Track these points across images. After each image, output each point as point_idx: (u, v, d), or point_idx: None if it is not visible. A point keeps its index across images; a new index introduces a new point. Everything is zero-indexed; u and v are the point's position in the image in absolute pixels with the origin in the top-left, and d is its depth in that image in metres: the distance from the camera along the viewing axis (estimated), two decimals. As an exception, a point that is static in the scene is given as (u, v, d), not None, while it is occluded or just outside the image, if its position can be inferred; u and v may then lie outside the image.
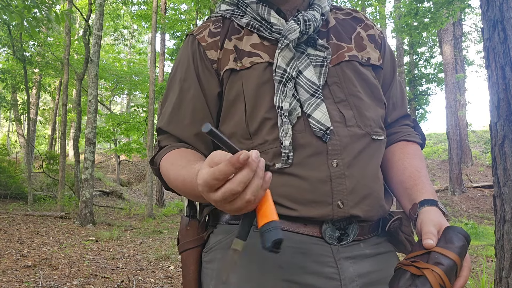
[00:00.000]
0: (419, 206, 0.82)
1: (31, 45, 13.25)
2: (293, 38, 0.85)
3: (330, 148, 0.81)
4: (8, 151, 15.59)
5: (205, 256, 0.89)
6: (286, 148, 0.80)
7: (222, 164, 0.57)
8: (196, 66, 0.91)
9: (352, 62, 0.90)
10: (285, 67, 0.84)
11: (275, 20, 0.88)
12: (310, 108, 0.83)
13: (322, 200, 0.79)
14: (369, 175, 0.84)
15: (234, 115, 0.87)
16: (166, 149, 0.89)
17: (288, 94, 0.83)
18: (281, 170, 0.81)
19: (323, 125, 0.81)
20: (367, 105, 0.88)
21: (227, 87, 0.88)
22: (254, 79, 0.86)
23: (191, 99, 0.90)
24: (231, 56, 0.89)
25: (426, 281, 0.69)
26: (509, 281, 2.18)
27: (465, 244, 0.72)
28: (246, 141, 0.85)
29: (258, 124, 0.84)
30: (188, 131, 0.89)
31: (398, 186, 0.91)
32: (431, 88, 16.96)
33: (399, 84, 1.03)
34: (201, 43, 0.92)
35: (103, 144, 22.03)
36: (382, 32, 1.01)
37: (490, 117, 2.39)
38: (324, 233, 0.80)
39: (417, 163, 0.93)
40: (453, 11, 7.99)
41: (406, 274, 0.72)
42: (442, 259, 0.70)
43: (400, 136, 0.99)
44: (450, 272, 0.69)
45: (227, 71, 0.88)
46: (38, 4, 4.72)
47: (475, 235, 7.90)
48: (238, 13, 0.93)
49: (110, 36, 22.80)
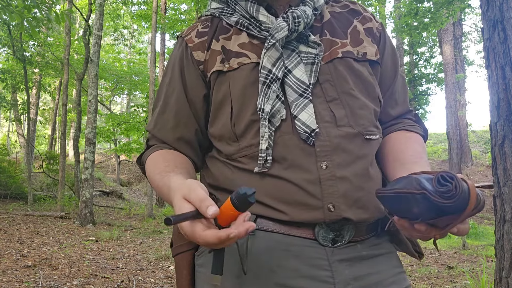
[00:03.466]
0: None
1: (31, 45, 13.24)
2: (280, 37, 0.82)
3: (318, 149, 0.79)
4: (8, 151, 15.59)
5: (198, 259, 0.87)
6: (263, 152, 0.79)
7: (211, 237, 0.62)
8: (181, 69, 0.91)
9: (346, 59, 0.86)
10: (270, 67, 0.81)
11: (264, 18, 0.85)
12: (297, 109, 0.80)
13: (312, 203, 0.77)
14: (362, 176, 0.81)
15: (221, 117, 0.86)
16: (152, 149, 0.91)
17: (272, 96, 0.80)
18: (270, 173, 0.80)
19: (308, 127, 0.78)
20: (360, 103, 0.85)
21: (214, 89, 0.87)
22: (241, 80, 0.84)
23: (174, 103, 0.90)
24: (218, 57, 0.87)
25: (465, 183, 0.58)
26: (509, 281, 2.17)
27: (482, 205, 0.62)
28: (234, 143, 0.84)
29: (245, 127, 0.83)
30: (171, 135, 0.91)
31: (395, 163, 0.87)
32: (431, 88, 16.97)
33: (402, 80, 0.99)
34: (188, 44, 0.91)
35: (103, 144, 22.02)
36: (381, 25, 0.96)
37: (490, 117, 2.39)
38: (318, 235, 0.78)
39: (419, 148, 0.90)
40: (453, 11, 7.98)
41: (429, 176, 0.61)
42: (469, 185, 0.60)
43: (401, 126, 0.96)
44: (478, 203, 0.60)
45: (214, 73, 0.86)
46: (38, 4, 4.72)
47: (475, 235, 7.89)
48: (228, 11, 0.91)
49: (110, 36, 22.79)
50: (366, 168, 0.83)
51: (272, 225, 0.80)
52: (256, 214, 0.80)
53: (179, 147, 0.90)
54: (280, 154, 0.80)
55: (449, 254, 6.05)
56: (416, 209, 0.60)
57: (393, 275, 0.84)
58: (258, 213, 0.80)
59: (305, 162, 0.79)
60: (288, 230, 0.79)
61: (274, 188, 0.79)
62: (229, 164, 0.85)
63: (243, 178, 0.83)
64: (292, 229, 0.79)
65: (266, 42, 0.83)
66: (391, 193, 0.63)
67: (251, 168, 0.81)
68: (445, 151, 17.89)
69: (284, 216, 0.78)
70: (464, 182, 0.59)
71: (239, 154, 0.83)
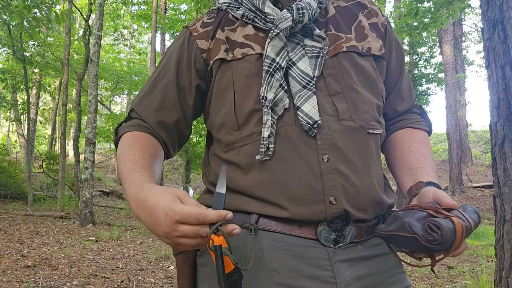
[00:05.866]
0: (424, 185, 0.80)
1: (31, 45, 13.23)
2: (284, 27, 0.82)
3: (320, 142, 0.79)
4: (8, 151, 15.59)
5: (199, 259, 0.87)
6: (265, 140, 0.79)
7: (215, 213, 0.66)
8: (179, 56, 0.91)
9: (350, 53, 0.86)
10: (274, 56, 0.82)
11: (269, 10, 0.86)
12: (300, 100, 0.80)
13: (313, 196, 0.77)
14: (364, 170, 0.82)
15: (223, 106, 0.86)
16: (132, 126, 0.91)
17: (275, 84, 0.81)
18: (270, 165, 0.79)
19: (311, 119, 0.79)
20: (363, 97, 0.85)
21: (217, 77, 0.87)
22: (244, 70, 0.84)
23: (163, 87, 0.91)
24: (222, 46, 0.88)
25: (451, 223, 0.65)
26: (509, 281, 2.17)
27: (478, 222, 0.70)
28: (235, 132, 0.84)
29: (247, 116, 0.83)
30: (153, 117, 0.91)
31: (402, 167, 0.89)
32: (431, 88, 16.89)
33: (407, 76, 1.00)
34: (192, 33, 0.92)
35: (103, 144, 21.99)
36: (387, 19, 0.96)
37: (490, 117, 2.39)
38: (320, 235, 0.78)
39: (424, 149, 0.91)
40: (453, 11, 7.98)
41: (423, 213, 0.69)
42: (463, 218, 0.67)
43: (406, 123, 0.97)
44: (467, 232, 0.67)
45: (217, 61, 0.87)
46: (38, 4, 4.72)
47: (475, 235, 7.89)
48: (234, 5, 0.92)
49: (110, 36, 22.78)
50: (367, 162, 0.83)
51: (274, 225, 0.80)
52: (258, 214, 0.80)
53: (157, 130, 0.91)
54: (281, 145, 0.80)
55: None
56: (410, 247, 0.70)
57: (394, 275, 0.84)
58: (260, 212, 0.80)
59: (306, 154, 0.79)
60: (290, 230, 0.79)
61: (274, 181, 0.79)
62: (230, 162, 0.85)
63: (242, 175, 0.83)
64: (294, 229, 0.79)
65: (270, 32, 0.84)
66: (387, 234, 0.72)
67: (250, 161, 0.81)
68: (445, 151, 17.88)
69: (285, 213, 0.78)
70: (451, 221, 0.66)
71: (239, 143, 0.84)
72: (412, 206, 0.72)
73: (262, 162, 0.80)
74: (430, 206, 0.71)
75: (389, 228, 0.72)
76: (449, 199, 0.72)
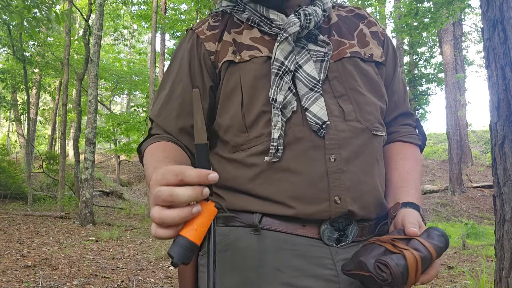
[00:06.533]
0: (401, 206, 0.82)
1: (31, 45, 13.24)
2: (293, 32, 0.84)
3: (327, 142, 0.80)
4: (8, 151, 15.59)
5: (201, 259, 0.87)
6: (274, 141, 0.79)
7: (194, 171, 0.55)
8: (190, 60, 0.91)
9: (354, 58, 0.89)
10: (283, 60, 0.83)
11: (274, 16, 0.88)
12: (308, 102, 0.82)
13: (318, 195, 0.78)
14: (369, 171, 0.83)
15: (230, 108, 0.86)
16: (153, 138, 0.90)
17: (284, 87, 0.82)
18: (277, 165, 0.80)
19: (320, 119, 0.80)
20: (367, 99, 0.87)
21: (224, 78, 0.88)
22: (252, 72, 0.85)
23: (180, 93, 0.91)
24: (230, 48, 0.88)
25: (403, 258, 0.67)
26: (509, 281, 2.18)
27: (444, 246, 0.72)
28: (242, 134, 0.85)
29: (255, 117, 0.83)
30: (173, 125, 0.90)
31: (387, 184, 0.91)
32: (431, 88, 16.97)
33: (402, 81, 1.02)
34: (200, 36, 0.92)
35: (103, 144, 22.02)
36: (384, 30, 1.00)
37: (490, 117, 2.39)
38: (323, 234, 0.79)
39: (410, 165, 0.92)
40: (453, 11, 7.98)
41: (380, 249, 0.71)
42: (421, 248, 0.69)
43: (397, 136, 0.98)
44: (425, 263, 0.69)
45: (225, 63, 0.87)
46: (38, 4, 4.72)
47: (475, 235, 7.89)
48: (239, 9, 0.93)
49: (110, 36, 22.78)
50: (372, 163, 0.85)
51: (277, 224, 0.80)
52: (261, 213, 0.81)
53: (179, 137, 0.90)
54: (289, 146, 0.81)
55: (449, 254, 6.05)
56: (371, 284, 0.72)
57: None
58: (264, 212, 0.81)
59: (314, 154, 0.80)
60: (294, 230, 0.80)
61: (281, 180, 0.80)
62: (233, 160, 0.85)
63: (247, 174, 0.83)
64: (298, 228, 0.80)
65: (279, 36, 0.85)
66: (350, 273, 0.74)
67: (257, 162, 0.82)
68: (445, 151, 17.89)
69: (290, 211, 0.79)
70: (403, 256, 0.68)
71: (248, 144, 0.84)
72: (374, 241, 0.74)
73: (269, 162, 0.81)
74: (389, 239, 0.72)
75: (349, 267, 0.74)
76: (411, 226, 0.73)
